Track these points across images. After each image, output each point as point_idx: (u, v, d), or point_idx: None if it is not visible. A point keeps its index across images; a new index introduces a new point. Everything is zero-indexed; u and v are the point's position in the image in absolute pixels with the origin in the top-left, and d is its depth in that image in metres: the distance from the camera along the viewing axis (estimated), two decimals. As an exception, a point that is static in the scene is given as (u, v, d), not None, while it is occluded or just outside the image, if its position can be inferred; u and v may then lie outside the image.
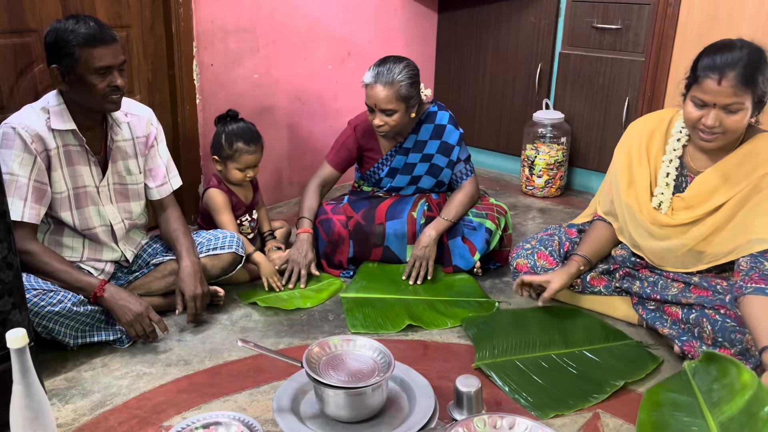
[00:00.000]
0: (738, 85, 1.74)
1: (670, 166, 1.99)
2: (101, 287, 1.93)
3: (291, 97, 3.18)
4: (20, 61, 2.25)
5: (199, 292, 2.06)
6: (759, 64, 1.76)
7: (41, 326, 1.82)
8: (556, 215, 3.18)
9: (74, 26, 1.83)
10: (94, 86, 1.86)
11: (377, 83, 2.33)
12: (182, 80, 2.70)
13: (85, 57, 1.83)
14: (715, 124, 1.79)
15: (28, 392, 1.26)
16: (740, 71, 1.73)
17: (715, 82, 1.75)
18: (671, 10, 2.95)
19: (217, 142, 2.46)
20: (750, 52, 1.76)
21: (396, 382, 1.73)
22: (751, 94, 1.76)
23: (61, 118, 1.92)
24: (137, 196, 2.15)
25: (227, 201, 2.46)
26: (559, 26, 3.41)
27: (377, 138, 2.55)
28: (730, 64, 1.74)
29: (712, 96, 1.77)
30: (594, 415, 1.72)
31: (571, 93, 3.43)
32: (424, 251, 2.39)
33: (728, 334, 1.79)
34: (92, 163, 2.01)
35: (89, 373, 1.87)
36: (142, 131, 2.13)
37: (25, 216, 1.87)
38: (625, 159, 2.08)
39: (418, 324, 2.14)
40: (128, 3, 2.51)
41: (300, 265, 2.38)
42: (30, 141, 1.86)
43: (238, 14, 2.84)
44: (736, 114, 1.78)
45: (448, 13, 3.79)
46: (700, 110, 1.82)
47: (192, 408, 1.72)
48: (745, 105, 1.77)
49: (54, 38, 1.84)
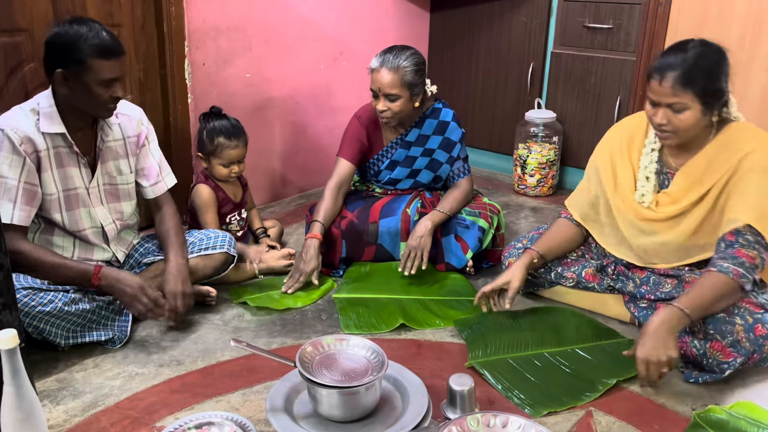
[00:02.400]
0: (676, 86, 1.78)
1: (649, 156, 2.02)
2: (96, 275, 1.92)
3: (283, 96, 3.17)
4: (10, 60, 2.24)
5: (179, 290, 2.03)
6: (703, 64, 1.78)
7: (32, 327, 1.81)
8: (548, 214, 3.19)
9: (87, 34, 1.81)
10: (98, 96, 1.86)
11: (383, 67, 2.34)
12: (174, 79, 2.69)
13: (96, 67, 1.83)
14: (662, 122, 1.84)
15: (18, 393, 1.25)
16: (680, 72, 1.77)
17: (657, 82, 1.81)
18: (662, 9, 2.96)
19: (200, 138, 2.49)
20: (698, 53, 1.79)
21: (389, 381, 1.73)
22: (693, 94, 1.78)
23: (50, 120, 1.90)
24: (128, 196, 2.14)
25: (213, 198, 2.46)
26: (551, 26, 3.42)
27: (380, 129, 2.55)
28: (672, 65, 1.79)
29: (657, 96, 1.83)
30: (587, 413, 1.72)
31: (563, 92, 3.44)
32: (419, 241, 2.37)
33: (719, 325, 1.80)
34: (81, 165, 2.00)
35: (81, 373, 1.86)
36: (132, 131, 2.12)
37: (15, 218, 1.86)
38: (609, 162, 2.10)
39: (412, 324, 2.14)
40: (119, 2, 2.50)
41: (303, 273, 2.34)
42: (19, 143, 1.84)
43: (230, 13, 2.83)
44: (681, 113, 1.81)
45: (440, 13, 3.80)
46: (653, 109, 1.87)
47: (185, 408, 1.72)
48: (689, 104, 1.79)
49: (64, 42, 1.82)
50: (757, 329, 1.76)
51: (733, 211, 1.83)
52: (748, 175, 1.83)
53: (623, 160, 2.07)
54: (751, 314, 1.79)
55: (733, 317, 1.79)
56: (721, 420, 1.67)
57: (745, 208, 1.81)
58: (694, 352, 1.86)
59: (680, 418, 1.72)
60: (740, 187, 1.83)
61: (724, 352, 1.79)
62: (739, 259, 1.77)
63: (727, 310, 1.81)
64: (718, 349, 1.80)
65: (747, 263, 1.76)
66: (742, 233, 1.80)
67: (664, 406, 1.76)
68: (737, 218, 1.81)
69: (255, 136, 3.01)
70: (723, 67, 1.82)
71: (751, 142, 1.85)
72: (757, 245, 1.78)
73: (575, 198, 2.21)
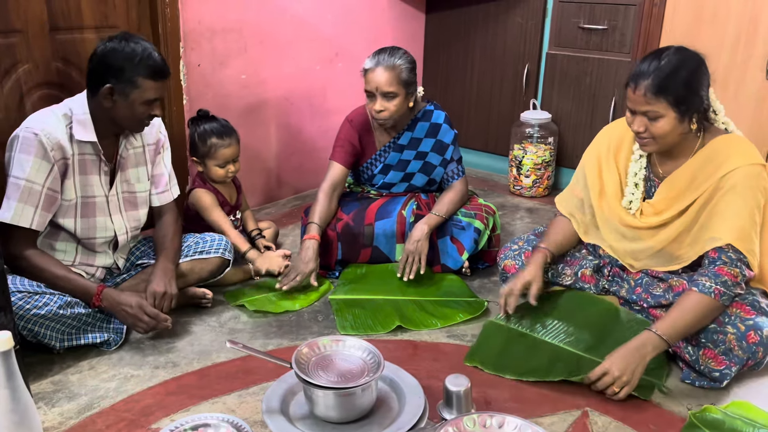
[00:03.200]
0: (648, 94, 1.77)
1: (638, 163, 2.01)
2: (98, 296, 1.93)
3: (279, 97, 3.17)
4: (4, 61, 2.23)
5: (161, 290, 2.01)
6: (677, 71, 1.77)
7: (27, 329, 1.81)
8: (544, 215, 3.20)
9: (142, 54, 1.87)
10: (139, 114, 1.93)
11: (378, 66, 2.35)
12: (169, 81, 2.68)
13: (145, 87, 1.89)
14: (639, 130, 1.85)
15: (13, 396, 1.25)
16: (652, 80, 1.76)
17: (632, 90, 1.81)
18: (657, 10, 2.97)
19: (192, 142, 2.50)
20: (672, 60, 1.78)
21: (385, 382, 1.73)
22: (666, 102, 1.77)
23: (84, 128, 1.93)
24: (144, 203, 2.17)
25: (214, 198, 2.46)
26: (546, 27, 3.43)
27: (372, 133, 2.55)
28: (645, 73, 1.78)
29: (632, 104, 1.83)
30: (583, 413, 1.73)
31: (558, 93, 3.45)
32: (416, 245, 2.38)
33: (710, 334, 1.80)
34: (103, 173, 2.01)
35: (76, 376, 1.86)
36: (152, 138, 2.15)
37: (35, 224, 1.88)
38: (595, 166, 2.10)
39: (408, 325, 2.14)
40: (114, 3, 2.50)
41: (301, 273, 2.32)
42: (50, 149, 1.86)
43: (225, 15, 2.83)
44: (657, 121, 1.81)
45: (435, 14, 3.80)
46: (631, 116, 1.87)
47: (180, 410, 1.71)
48: (662, 113, 1.79)
49: (121, 60, 1.86)
50: (750, 337, 1.76)
51: (715, 230, 1.82)
52: (729, 193, 1.81)
53: (609, 164, 2.07)
54: (742, 321, 1.78)
55: (725, 326, 1.79)
56: (716, 420, 1.67)
57: (726, 228, 1.80)
58: (687, 357, 1.86)
59: (676, 418, 1.72)
60: (721, 206, 1.82)
61: (717, 360, 1.79)
62: (721, 278, 1.78)
63: (718, 320, 1.80)
64: (710, 356, 1.80)
65: (729, 282, 1.78)
66: (725, 251, 1.80)
67: (659, 406, 1.77)
68: (719, 237, 1.80)
69: (250, 138, 3.01)
70: (699, 74, 1.80)
71: (734, 158, 1.83)
72: (739, 263, 1.79)
73: (564, 197, 2.23)
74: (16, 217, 1.84)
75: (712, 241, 1.82)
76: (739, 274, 1.79)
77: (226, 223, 2.42)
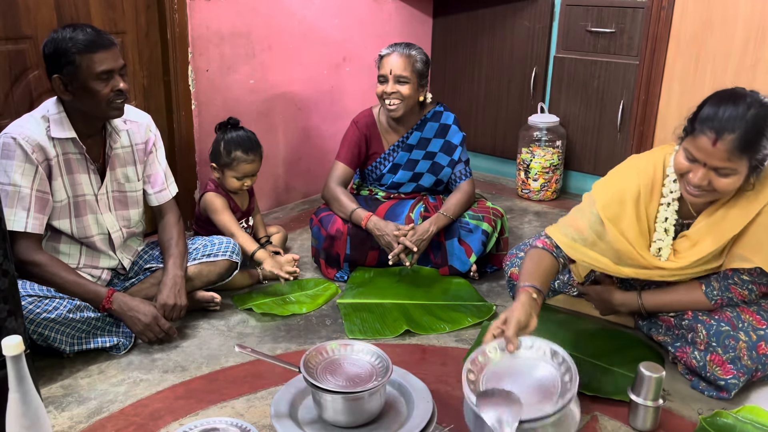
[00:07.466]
0: (733, 151, 1.57)
1: (669, 208, 1.83)
2: (108, 299, 1.93)
3: (287, 102, 3.18)
4: (15, 68, 2.25)
5: (171, 303, 2.02)
6: (763, 127, 1.58)
7: (37, 333, 1.81)
8: (552, 218, 3.19)
9: (72, 34, 1.83)
10: (98, 92, 1.87)
11: (394, 52, 2.44)
12: (178, 86, 2.70)
13: (86, 63, 1.83)
14: (702, 184, 1.65)
15: (24, 400, 1.26)
16: (739, 135, 1.56)
17: (710, 141, 1.58)
18: (665, 13, 2.96)
19: (215, 149, 2.47)
20: (756, 114, 1.57)
21: (394, 386, 1.72)
22: (747, 161, 1.60)
23: (60, 126, 1.91)
24: (136, 203, 2.15)
25: (225, 203, 2.47)
26: (554, 30, 3.43)
27: (380, 133, 2.57)
28: (730, 125, 1.56)
29: (704, 155, 1.61)
30: (592, 418, 1.72)
31: (566, 96, 3.44)
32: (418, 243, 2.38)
33: (722, 338, 1.78)
34: (91, 171, 2.01)
35: (86, 380, 1.87)
36: (141, 138, 2.13)
37: (29, 226, 1.88)
38: (621, 213, 1.83)
39: (416, 330, 2.14)
40: (123, 9, 2.51)
41: (389, 233, 2.37)
42: (31, 151, 1.86)
43: (233, 20, 2.84)
44: (727, 177, 1.63)
45: (442, 18, 3.80)
46: (690, 164, 1.67)
47: (189, 414, 1.72)
48: (739, 170, 1.62)
49: (53, 48, 1.84)
50: (761, 347, 1.75)
51: (745, 249, 1.73)
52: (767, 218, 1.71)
53: (638, 211, 1.84)
54: (754, 330, 1.77)
55: (738, 332, 1.77)
56: (727, 425, 1.66)
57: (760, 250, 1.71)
58: (693, 363, 1.84)
59: (687, 423, 1.71)
60: (757, 229, 1.72)
61: (724, 368, 1.77)
62: (729, 293, 1.81)
63: (732, 323, 1.78)
64: (717, 363, 1.78)
65: (735, 298, 1.82)
66: (739, 272, 1.79)
67: (670, 411, 1.76)
68: (750, 259, 1.72)
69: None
70: None
71: None
72: (751, 284, 1.80)
73: (563, 230, 1.90)
74: (9, 223, 1.83)
75: (740, 259, 1.75)
76: (748, 296, 1.81)
77: (235, 225, 2.43)
